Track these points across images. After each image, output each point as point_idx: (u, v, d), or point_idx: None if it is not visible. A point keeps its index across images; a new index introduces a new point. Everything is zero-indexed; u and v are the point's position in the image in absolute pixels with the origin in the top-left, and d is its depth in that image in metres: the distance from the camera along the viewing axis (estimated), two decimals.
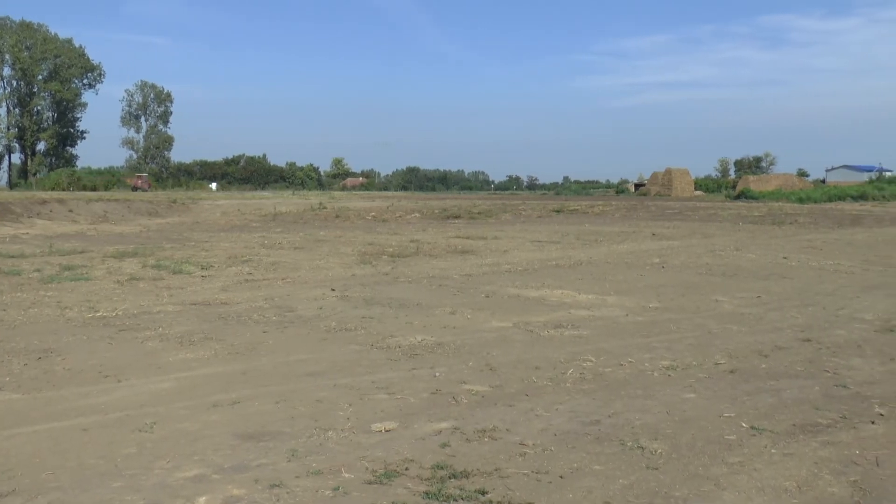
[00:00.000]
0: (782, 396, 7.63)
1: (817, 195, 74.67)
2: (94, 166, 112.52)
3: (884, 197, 72.40)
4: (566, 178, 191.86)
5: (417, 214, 45.59)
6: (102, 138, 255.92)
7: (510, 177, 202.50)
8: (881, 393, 7.76)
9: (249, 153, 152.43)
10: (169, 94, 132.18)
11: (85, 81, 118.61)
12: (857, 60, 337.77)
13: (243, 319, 11.55)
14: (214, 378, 8.25)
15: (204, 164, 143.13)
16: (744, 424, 6.73)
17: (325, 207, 51.34)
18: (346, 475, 5.48)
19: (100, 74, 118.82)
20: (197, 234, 30.61)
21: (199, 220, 40.44)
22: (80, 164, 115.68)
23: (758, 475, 5.56)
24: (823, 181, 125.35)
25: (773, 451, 6.09)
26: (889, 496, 5.23)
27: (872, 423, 6.83)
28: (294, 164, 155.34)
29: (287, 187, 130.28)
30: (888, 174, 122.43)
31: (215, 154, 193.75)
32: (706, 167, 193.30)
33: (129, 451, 6.00)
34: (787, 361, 9.09)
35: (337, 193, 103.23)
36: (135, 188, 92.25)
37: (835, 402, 7.46)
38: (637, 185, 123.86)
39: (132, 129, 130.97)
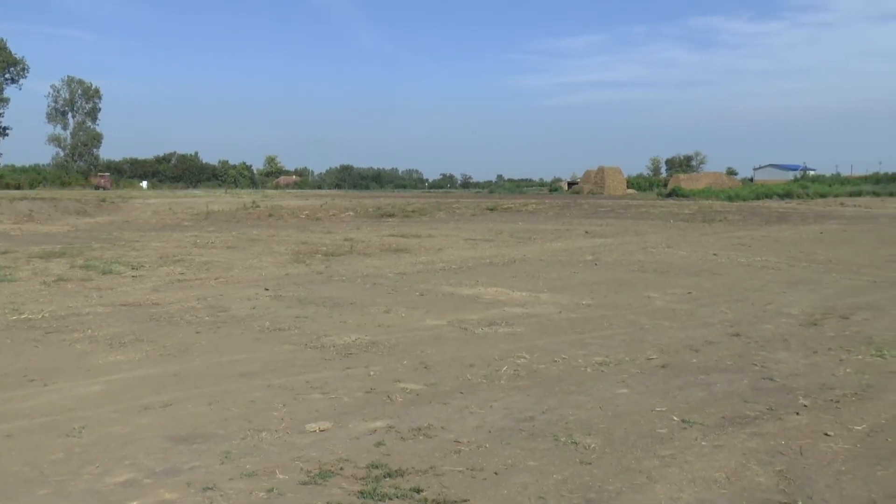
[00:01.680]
0: (712, 390, 7.77)
1: (746, 193, 76.39)
2: (19, 164, 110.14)
3: (808, 195, 74.46)
4: (500, 177, 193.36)
5: (351, 213, 45.39)
6: (27, 135, 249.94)
7: (444, 175, 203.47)
8: (805, 385, 7.96)
9: (181, 151, 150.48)
10: (97, 90, 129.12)
11: (7, 76, 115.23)
12: (783, 62, 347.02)
13: (175, 320, 11.38)
14: (146, 380, 8.11)
15: (134, 162, 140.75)
16: (675, 418, 6.85)
17: (258, 206, 50.81)
18: (281, 476, 5.44)
19: (23, 69, 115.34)
20: (127, 233, 30.03)
21: (130, 220, 39.68)
22: (2, 161, 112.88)
23: (688, 467, 5.66)
24: (751, 180, 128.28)
25: (703, 443, 6.21)
26: (812, 483, 5.38)
27: (797, 414, 7.00)
28: (227, 162, 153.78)
29: (220, 186, 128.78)
30: (812, 173, 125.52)
31: (146, 152, 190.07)
32: (638, 166, 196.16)
33: (56, 457, 5.86)
34: (717, 356, 9.27)
35: (270, 192, 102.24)
36: (97, 187, 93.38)
37: (762, 394, 7.63)
38: (570, 184, 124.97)
39: (59, 125, 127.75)
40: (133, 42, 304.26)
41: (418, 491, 5.19)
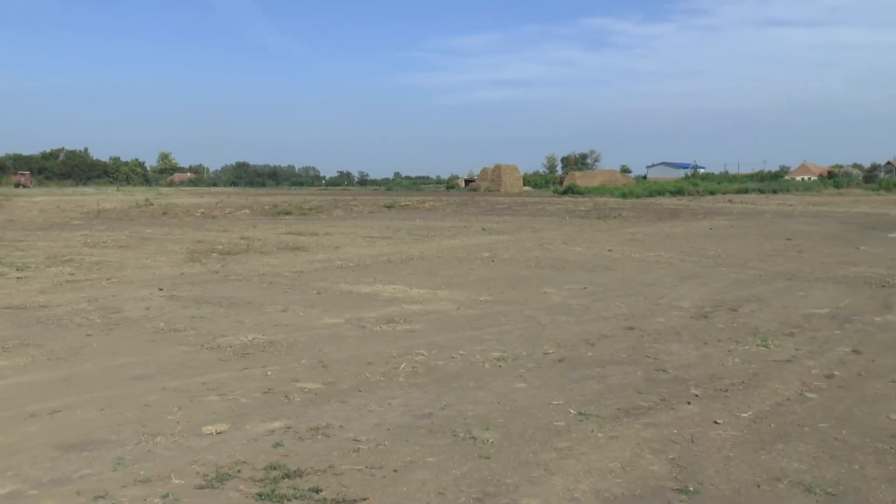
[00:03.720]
0: (608, 382, 7.94)
1: (639, 190, 78.27)
2: None
3: (698, 192, 76.81)
4: (397, 174, 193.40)
5: (248, 211, 44.69)
6: None
7: (341, 172, 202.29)
8: (696, 375, 8.21)
9: (69, 147, 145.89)
10: None
11: None
12: (673, 64, 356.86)
13: (64, 323, 11.02)
14: (32, 386, 7.82)
15: (18, 158, 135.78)
16: (572, 411, 6.97)
17: (151, 204, 49.57)
18: (176, 481, 5.33)
19: None
20: (11, 232, 28.86)
21: (14, 218, 38.15)
22: None
23: (585, 458, 5.77)
24: (644, 177, 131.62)
25: (599, 434, 6.33)
26: (702, 470, 5.55)
27: (688, 403, 7.21)
28: (118, 158, 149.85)
29: (111, 183, 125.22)
30: (702, 171, 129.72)
31: (31, 147, 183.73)
32: (534, 163, 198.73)
33: None
34: (612, 349, 9.48)
35: (164, 189, 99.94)
36: (17, 185, 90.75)
37: (655, 385, 7.83)
38: (467, 181, 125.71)
39: None
40: (16, 31, 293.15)
41: (317, 491, 5.15)
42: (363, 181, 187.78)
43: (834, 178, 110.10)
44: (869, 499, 5.11)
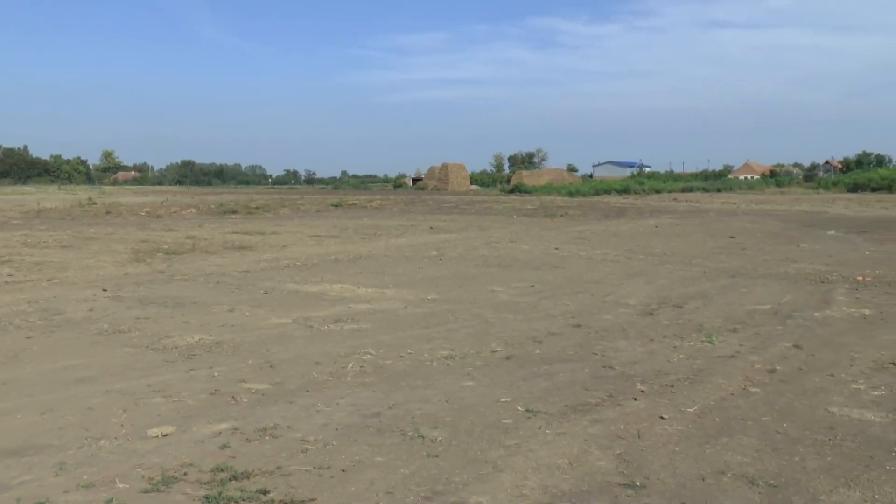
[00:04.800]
0: (555, 379, 7.99)
1: (586, 189, 79.06)
2: None
3: (644, 191, 77.77)
4: (344, 173, 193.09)
5: (193, 210, 44.17)
6: None
7: (288, 171, 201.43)
8: (642, 371, 8.30)
9: (7, 144, 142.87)
10: None
11: None
12: (620, 64, 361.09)
13: (3, 325, 10.78)
14: None
15: None
16: (520, 408, 7.00)
17: (94, 203, 48.80)
18: (121, 485, 5.24)
19: None
20: None
21: None
22: None
23: (533, 455, 5.80)
24: (591, 176, 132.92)
25: (546, 431, 6.37)
26: (648, 465, 5.61)
27: (635, 399, 7.28)
28: (59, 156, 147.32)
29: (52, 182, 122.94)
30: (648, 170, 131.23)
31: None
32: (482, 162, 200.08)
33: None
34: (560, 346, 9.54)
35: (108, 188, 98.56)
36: None
37: (602, 382, 7.90)
38: (415, 180, 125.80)
39: None
40: None
41: (265, 492, 5.11)
42: (310, 180, 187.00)
43: (776, 177, 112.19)
44: (808, 489, 5.21)
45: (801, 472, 5.51)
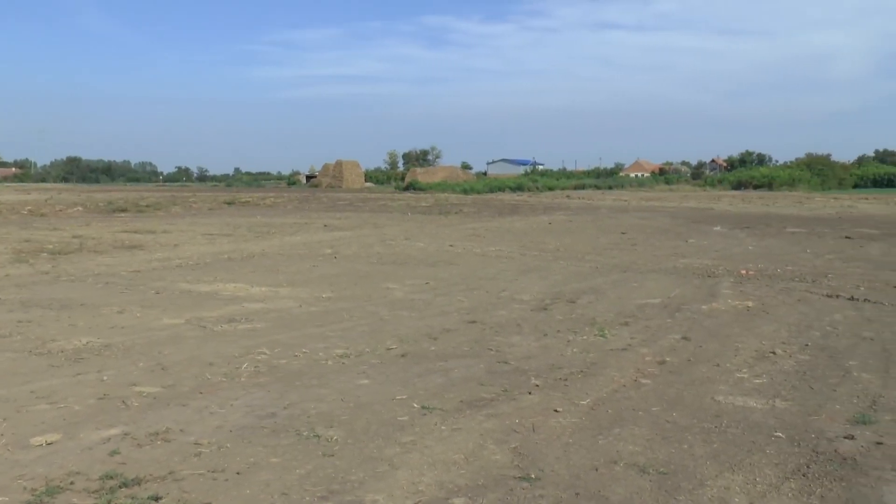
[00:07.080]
0: (451, 376, 8.01)
1: (480, 186, 79.71)
2: None
3: (537, 188, 79.04)
4: (237, 170, 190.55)
5: (80, 208, 42.75)
6: None
7: (179, 168, 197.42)
8: (537, 366, 8.40)
9: None
10: None
11: None
12: (513, 63, 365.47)
13: None
14: None
15: None
16: (415, 405, 6.99)
17: None
18: (1, 498, 5.01)
19: None
20: None
21: None
22: None
23: (429, 452, 5.80)
24: (485, 173, 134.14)
25: (442, 427, 6.38)
26: (543, 457, 5.69)
27: (529, 393, 7.37)
28: None
29: None
30: (541, 167, 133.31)
31: None
32: (376, 160, 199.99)
33: None
34: (455, 343, 9.58)
35: None
36: None
37: (498, 377, 7.96)
38: (309, 177, 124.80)
39: None
40: None
41: (157, 499, 4.96)
42: (202, 177, 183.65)
43: (665, 175, 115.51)
44: (696, 475, 5.37)
45: (690, 459, 5.67)
